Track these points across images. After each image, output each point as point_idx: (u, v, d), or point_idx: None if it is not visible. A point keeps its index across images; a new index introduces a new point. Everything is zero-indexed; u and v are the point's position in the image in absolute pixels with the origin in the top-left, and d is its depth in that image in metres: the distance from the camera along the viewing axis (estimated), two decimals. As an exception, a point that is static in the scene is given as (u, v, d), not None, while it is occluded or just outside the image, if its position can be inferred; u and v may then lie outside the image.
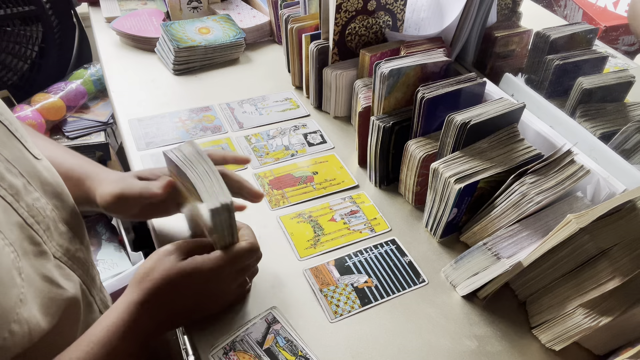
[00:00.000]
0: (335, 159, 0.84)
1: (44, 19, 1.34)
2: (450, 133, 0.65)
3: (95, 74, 1.46)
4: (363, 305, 0.62)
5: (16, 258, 0.39)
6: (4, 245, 0.38)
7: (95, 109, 1.45)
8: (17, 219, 0.41)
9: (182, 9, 1.16)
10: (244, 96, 0.97)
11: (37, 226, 0.43)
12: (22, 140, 0.46)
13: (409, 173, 0.73)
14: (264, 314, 0.59)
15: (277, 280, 0.64)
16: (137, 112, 0.91)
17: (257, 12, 1.20)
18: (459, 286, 0.64)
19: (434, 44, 0.81)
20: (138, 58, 1.08)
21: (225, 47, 1.05)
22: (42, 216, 0.44)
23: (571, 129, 0.69)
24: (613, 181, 0.60)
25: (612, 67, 0.76)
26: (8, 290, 0.37)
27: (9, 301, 0.37)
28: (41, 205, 0.45)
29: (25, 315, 0.38)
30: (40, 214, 0.44)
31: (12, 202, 0.41)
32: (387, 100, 0.73)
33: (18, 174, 0.43)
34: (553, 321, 0.57)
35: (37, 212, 0.44)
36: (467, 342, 0.59)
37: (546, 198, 0.58)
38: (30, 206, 0.43)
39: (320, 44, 0.86)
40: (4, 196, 0.40)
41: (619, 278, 0.51)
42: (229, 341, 0.56)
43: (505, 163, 0.64)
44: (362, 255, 0.68)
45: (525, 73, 0.83)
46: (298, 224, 0.72)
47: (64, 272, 0.47)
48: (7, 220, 0.40)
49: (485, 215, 0.65)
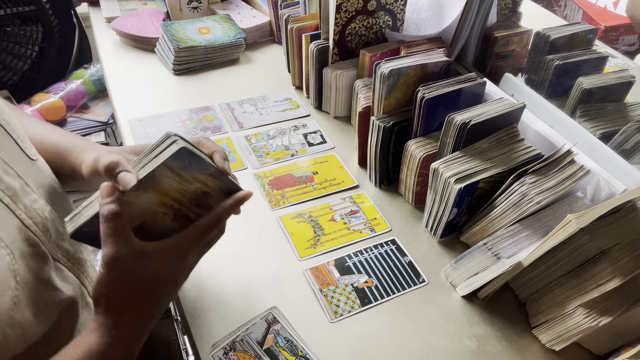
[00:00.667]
0: (335, 159, 0.84)
1: (44, 19, 1.34)
2: (450, 133, 0.65)
3: (95, 74, 1.46)
4: (363, 305, 0.62)
5: (12, 260, 0.38)
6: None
7: (95, 109, 1.45)
8: (14, 221, 0.41)
9: (182, 9, 1.16)
10: (244, 96, 0.97)
11: (35, 228, 0.43)
12: (18, 141, 0.45)
13: (409, 173, 0.73)
14: (264, 314, 0.59)
15: (277, 280, 0.64)
16: (137, 112, 0.91)
17: (257, 12, 1.20)
18: (459, 286, 0.63)
19: (434, 44, 0.81)
20: (138, 58, 1.08)
21: (225, 47, 1.05)
22: (41, 217, 0.44)
23: (571, 129, 0.69)
24: (613, 181, 0.60)
25: (612, 67, 0.76)
26: (2, 293, 0.36)
27: (2, 304, 0.36)
28: (39, 207, 0.45)
29: (18, 319, 0.38)
30: (39, 215, 0.44)
31: (10, 203, 0.41)
32: (387, 100, 0.73)
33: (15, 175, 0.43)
34: (553, 321, 0.57)
35: (36, 214, 0.44)
36: (467, 342, 0.59)
37: (546, 198, 0.58)
38: (28, 208, 0.43)
39: (320, 44, 0.86)
40: (2, 198, 0.40)
41: (619, 278, 0.51)
42: (229, 341, 0.56)
43: (505, 163, 0.64)
44: (362, 255, 0.68)
45: (525, 73, 0.83)
46: (298, 224, 0.72)
47: (62, 274, 0.47)
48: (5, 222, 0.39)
49: (485, 215, 0.65)
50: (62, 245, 0.48)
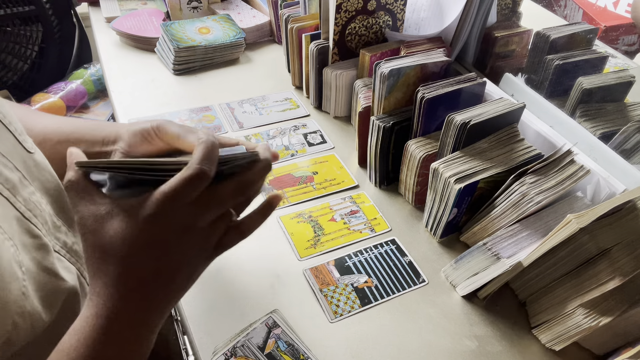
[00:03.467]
0: (335, 159, 0.84)
1: (44, 19, 1.34)
2: (450, 133, 0.65)
3: (95, 74, 1.46)
4: (363, 305, 0.62)
5: (16, 252, 0.39)
6: (3, 239, 0.38)
7: (95, 109, 1.45)
8: (14, 213, 0.41)
9: (182, 9, 1.16)
10: (244, 96, 0.97)
11: (35, 220, 0.43)
12: (15, 133, 0.45)
13: (409, 173, 0.73)
14: (264, 318, 0.59)
15: (277, 280, 0.64)
16: (137, 112, 0.91)
17: (257, 12, 1.20)
18: (459, 286, 0.63)
19: (434, 44, 0.81)
20: (138, 58, 1.08)
21: (225, 47, 1.05)
22: (39, 210, 0.44)
23: (571, 129, 0.69)
24: (613, 181, 0.60)
25: (612, 67, 0.76)
26: (10, 284, 0.37)
27: (11, 295, 0.37)
28: (37, 199, 0.45)
29: (28, 309, 0.39)
30: (37, 207, 0.44)
31: (9, 196, 0.41)
32: (387, 100, 0.73)
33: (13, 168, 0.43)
34: (553, 321, 0.57)
35: (34, 206, 0.44)
36: (467, 342, 0.59)
37: (546, 198, 0.58)
38: (27, 200, 0.43)
39: (320, 44, 0.86)
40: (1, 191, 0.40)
41: (619, 278, 0.51)
42: (229, 347, 0.55)
43: (505, 163, 0.64)
44: (362, 255, 0.68)
45: (525, 73, 0.83)
46: (298, 224, 0.72)
47: (64, 264, 0.47)
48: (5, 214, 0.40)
49: (485, 215, 0.65)
50: (60, 237, 0.48)
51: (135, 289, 0.37)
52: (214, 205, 0.38)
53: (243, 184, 0.40)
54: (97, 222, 0.36)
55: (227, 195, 0.39)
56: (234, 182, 0.39)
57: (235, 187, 0.39)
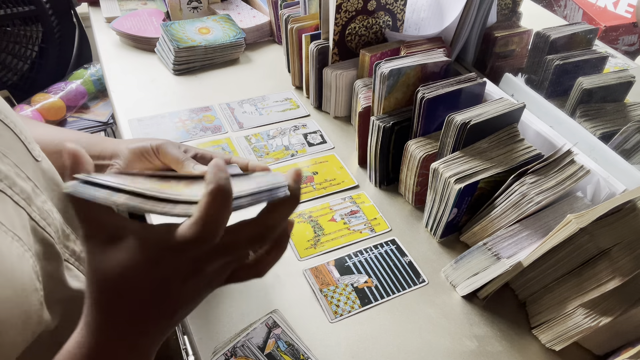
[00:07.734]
0: (335, 159, 0.84)
1: (44, 19, 1.34)
2: (450, 133, 0.65)
3: (95, 74, 1.46)
4: (363, 305, 0.62)
5: (34, 262, 0.39)
6: (24, 251, 0.38)
7: (95, 109, 1.45)
8: (31, 223, 0.41)
9: (182, 9, 1.16)
10: (244, 96, 0.97)
11: (49, 228, 0.43)
12: (25, 142, 0.46)
13: (409, 173, 0.73)
14: (265, 318, 0.59)
15: (277, 280, 0.64)
16: (137, 112, 0.91)
17: (257, 12, 1.20)
18: (459, 286, 0.63)
19: (434, 44, 0.81)
20: (138, 58, 1.08)
21: (225, 47, 1.05)
22: (52, 218, 0.45)
23: (571, 129, 0.69)
24: (613, 181, 0.60)
25: (612, 67, 0.76)
26: (30, 296, 0.37)
27: (33, 307, 0.37)
28: (49, 208, 0.45)
29: (45, 317, 0.39)
30: (50, 216, 0.44)
31: (25, 206, 0.41)
32: (387, 100, 0.73)
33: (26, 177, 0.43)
34: (553, 321, 0.57)
35: (47, 215, 0.44)
36: (467, 342, 0.59)
37: (546, 198, 0.58)
38: (41, 209, 0.43)
39: (320, 44, 0.86)
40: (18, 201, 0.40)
41: (619, 278, 0.51)
42: (229, 347, 0.56)
43: (505, 163, 0.64)
44: (362, 255, 0.68)
45: (525, 73, 0.83)
46: (298, 224, 0.72)
47: (72, 273, 0.47)
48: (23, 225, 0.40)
49: (485, 215, 0.65)
50: (69, 245, 0.48)
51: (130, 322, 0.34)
52: (229, 253, 0.35)
53: (264, 229, 0.36)
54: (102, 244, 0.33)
55: (244, 243, 0.35)
56: (253, 226, 0.35)
57: (254, 234, 0.35)
